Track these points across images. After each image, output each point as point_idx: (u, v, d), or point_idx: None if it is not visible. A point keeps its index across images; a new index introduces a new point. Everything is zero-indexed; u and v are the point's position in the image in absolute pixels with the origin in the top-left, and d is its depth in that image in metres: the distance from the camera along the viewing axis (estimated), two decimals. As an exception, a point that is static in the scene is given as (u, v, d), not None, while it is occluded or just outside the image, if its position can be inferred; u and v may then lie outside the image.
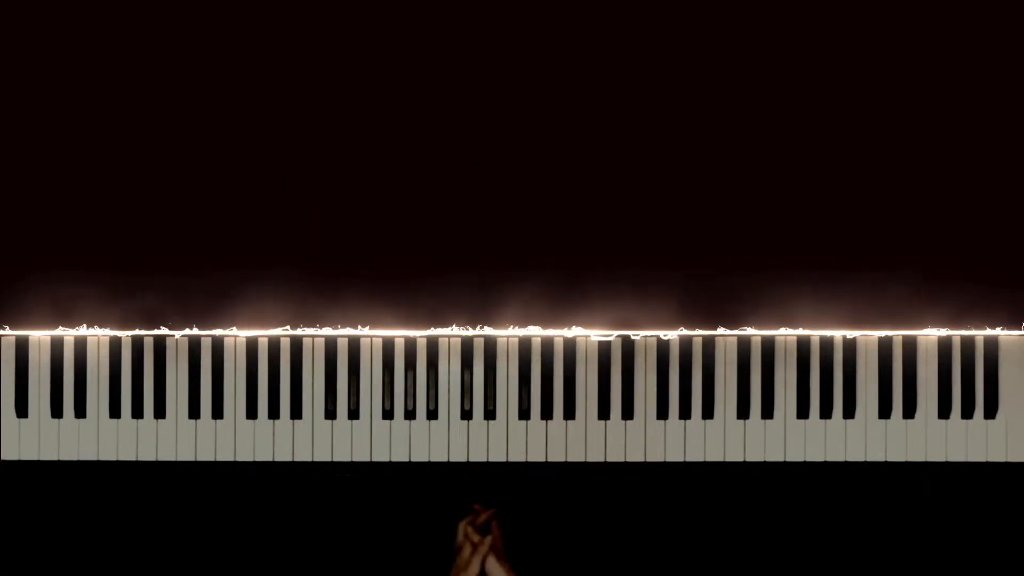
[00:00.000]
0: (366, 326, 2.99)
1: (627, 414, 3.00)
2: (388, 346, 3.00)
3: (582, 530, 3.05)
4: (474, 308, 3.00)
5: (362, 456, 2.99)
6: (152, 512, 3.02)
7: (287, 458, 2.99)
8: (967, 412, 3.00)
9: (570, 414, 3.00)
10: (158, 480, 2.99)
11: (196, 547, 3.04)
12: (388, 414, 3.00)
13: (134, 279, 3.00)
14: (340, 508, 3.04)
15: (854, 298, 3.00)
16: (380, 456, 2.99)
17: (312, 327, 2.99)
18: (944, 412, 3.00)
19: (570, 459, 3.00)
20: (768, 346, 3.00)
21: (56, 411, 2.98)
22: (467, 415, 3.00)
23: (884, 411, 3.00)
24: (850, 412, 3.00)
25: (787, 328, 2.99)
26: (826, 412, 3.00)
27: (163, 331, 2.98)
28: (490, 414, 3.00)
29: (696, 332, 2.99)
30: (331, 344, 3.00)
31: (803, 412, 3.00)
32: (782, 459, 2.99)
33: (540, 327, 2.99)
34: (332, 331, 2.99)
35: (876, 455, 2.99)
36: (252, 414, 2.99)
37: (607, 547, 3.06)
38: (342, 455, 2.99)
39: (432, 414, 3.00)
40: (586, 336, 3.00)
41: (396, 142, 3.05)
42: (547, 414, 3.00)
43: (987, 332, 3.00)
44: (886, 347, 3.00)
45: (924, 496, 3.02)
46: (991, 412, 3.00)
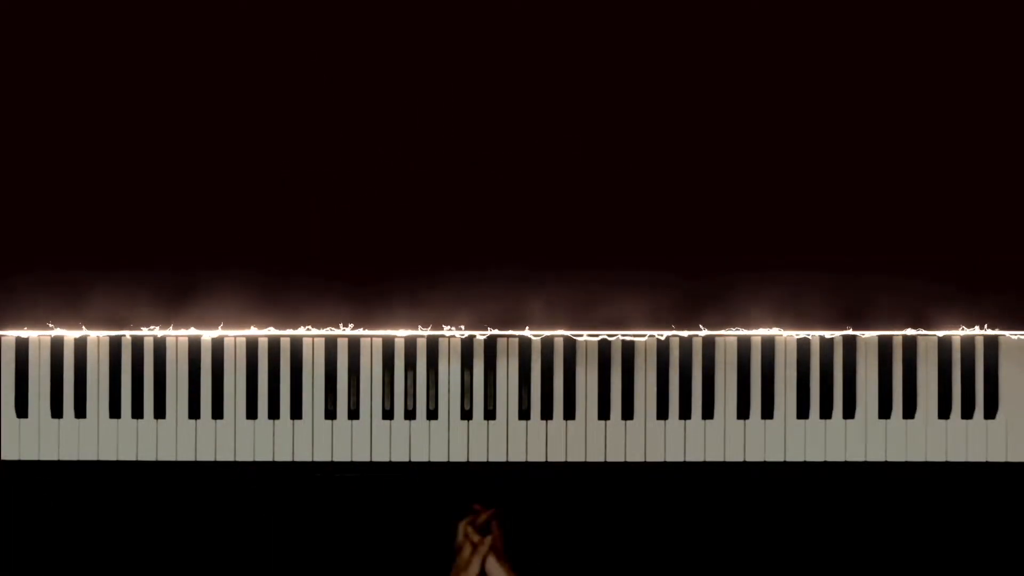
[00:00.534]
0: (365, 326, 2.99)
1: (627, 414, 3.00)
2: (388, 346, 3.00)
3: (582, 530, 3.05)
4: (474, 308, 3.00)
5: (362, 456, 2.99)
6: (152, 512, 3.02)
7: (287, 458, 2.99)
8: (967, 412, 3.00)
9: (570, 414, 3.00)
10: (158, 480, 2.99)
11: (196, 547, 3.04)
12: (388, 414, 3.00)
13: (134, 279, 3.00)
14: (340, 508, 3.04)
15: (855, 298, 3.00)
16: (380, 456, 2.99)
17: (312, 327, 2.99)
18: (944, 412, 3.00)
19: (570, 459, 3.00)
20: (768, 346, 3.00)
21: (56, 411, 2.98)
22: (467, 415, 3.00)
23: (884, 411, 3.00)
24: (850, 412, 3.00)
25: (787, 328, 2.99)
26: (826, 412, 3.00)
27: (164, 331, 2.98)
28: (490, 414, 3.00)
29: (696, 332, 2.99)
30: (331, 344, 3.00)
31: (803, 412, 3.00)
32: (782, 459, 3.00)
33: (540, 327, 2.99)
34: (332, 331, 2.99)
35: (876, 455, 2.99)
36: (252, 414, 2.99)
37: (607, 547, 3.06)
38: (342, 455, 2.99)
39: (432, 414, 3.00)
40: (586, 336, 3.00)
41: (396, 142, 3.05)
42: (547, 414, 3.00)
43: (987, 332, 3.00)
44: (886, 347, 3.00)
45: (924, 496, 3.02)
46: (991, 412, 3.00)
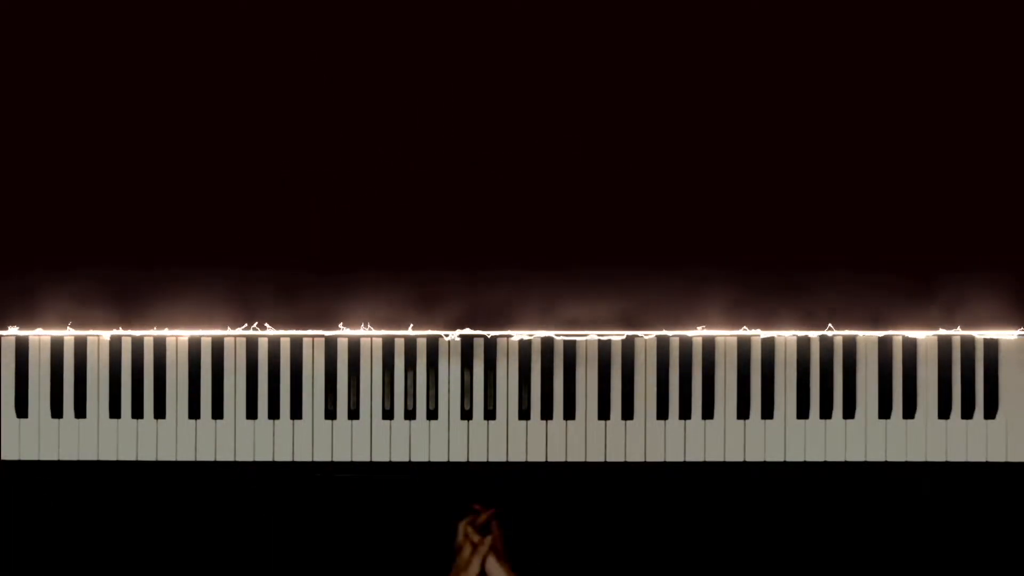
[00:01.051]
0: (366, 326, 2.99)
1: (627, 414, 3.00)
2: (388, 346, 3.00)
3: (582, 530, 3.05)
4: (475, 308, 3.00)
5: (362, 456, 2.99)
6: (152, 512, 3.02)
7: (287, 458, 2.99)
8: (967, 412, 3.00)
9: (570, 414, 3.00)
10: (158, 480, 2.99)
11: (196, 547, 3.04)
12: (388, 414, 3.00)
13: (134, 279, 3.00)
14: (340, 508, 3.04)
15: (855, 298, 3.00)
16: (380, 456, 2.99)
17: (312, 327, 2.99)
18: (944, 412, 3.00)
19: (570, 459, 3.00)
20: (768, 346, 3.00)
21: (56, 411, 2.98)
22: (467, 415, 3.00)
23: (884, 411, 3.00)
24: (850, 412, 3.00)
25: (788, 328, 2.99)
26: (826, 412, 3.00)
27: (163, 331, 2.98)
28: (490, 414, 3.00)
29: (696, 332, 2.99)
30: (331, 344, 3.00)
31: (803, 412, 3.00)
32: (782, 459, 3.00)
33: (540, 327, 2.99)
34: (332, 331, 2.99)
35: (876, 455, 3.00)
36: (252, 414, 2.99)
37: (607, 547, 3.06)
38: (342, 455, 2.99)
39: (432, 414, 3.00)
40: (586, 336, 3.00)
41: (396, 142, 3.05)
42: (547, 414, 3.00)
43: (987, 332, 3.00)
44: (886, 347, 3.00)
45: (924, 496, 3.02)
46: (991, 412, 3.00)
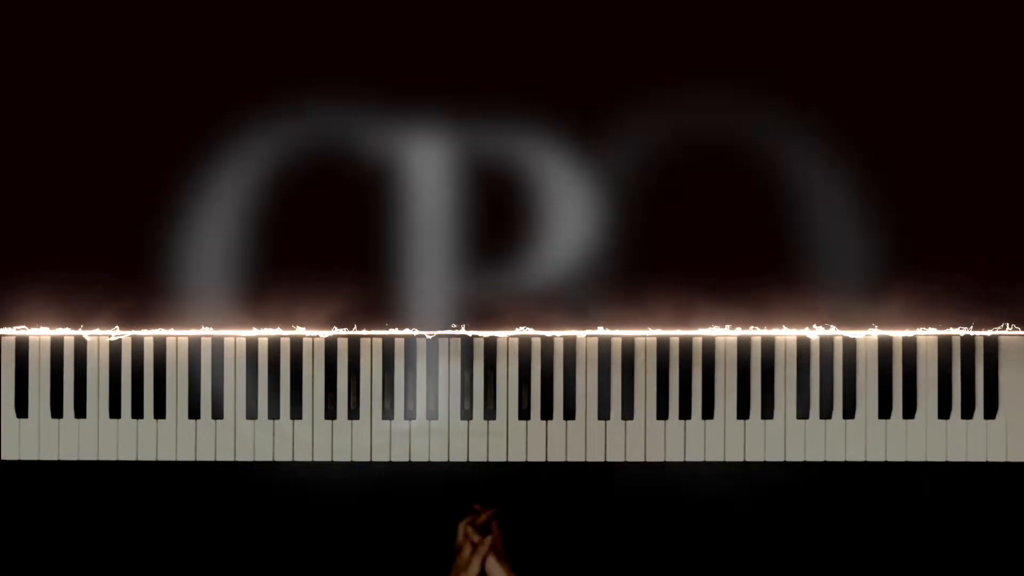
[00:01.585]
0: (365, 326, 2.99)
1: (627, 414, 3.00)
2: (388, 346, 3.00)
3: (582, 530, 3.05)
4: (475, 308, 3.00)
5: (362, 456, 2.99)
6: (152, 512, 3.02)
7: (287, 458, 2.99)
8: (967, 412, 3.00)
9: (570, 414, 3.00)
10: (158, 480, 2.99)
11: (196, 547, 3.04)
12: (388, 414, 3.00)
13: (134, 279, 3.00)
14: (340, 508, 3.04)
15: (855, 298, 3.00)
16: (380, 456, 2.99)
17: (312, 327, 2.99)
18: (944, 412, 3.00)
19: (570, 459, 3.00)
20: (768, 346, 3.00)
21: (56, 411, 2.98)
22: (467, 415, 3.00)
23: (884, 411, 3.00)
24: (850, 412, 3.00)
25: (787, 328, 2.99)
26: (826, 412, 3.00)
27: (164, 331, 2.98)
28: (490, 414, 3.00)
29: (696, 332, 2.99)
30: (331, 344, 3.00)
31: (803, 412, 3.00)
32: (782, 459, 3.00)
33: (540, 327, 2.99)
34: (332, 331, 2.99)
35: (876, 455, 2.99)
36: (252, 414, 2.99)
37: (607, 547, 3.05)
38: (342, 455, 2.99)
39: (432, 414, 3.00)
40: (586, 336, 3.00)
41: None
42: (547, 414, 3.00)
43: (987, 332, 3.00)
44: (886, 347, 3.00)
45: (924, 496, 3.02)
46: (991, 412, 3.00)
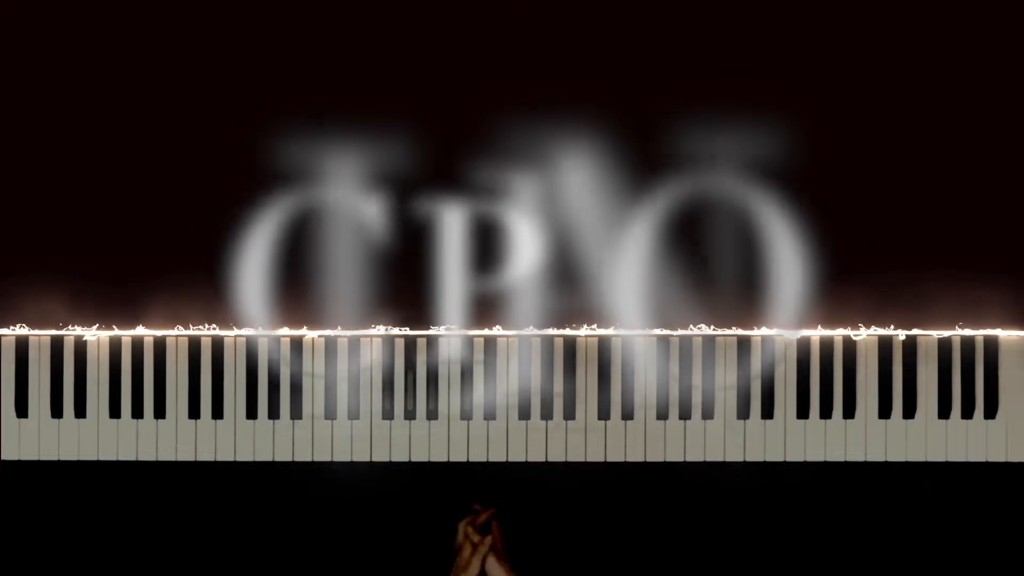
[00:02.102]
0: (365, 326, 2.99)
1: (627, 414, 3.00)
2: (388, 346, 3.00)
3: (582, 530, 3.05)
4: (475, 308, 3.00)
5: (362, 456, 2.99)
6: (152, 512, 3.02)
7: (287, 458, 2.99)
8: (967, 412, 3.00)
9: (571, 414, 3.00)
10: (158, 480, 2.99)
11: (196, 547, 3.04)
12: (388, 414, 3.00)
13: (134, 279, 3.00)
14: (340, 508, 3.04)
15: (856, 298, 3.00)
16: (380, 456, 2.99)
17: (312, 327, 2.99)
18: (944, 412, 3.00)
19: (570, 459, 3.00)
20: (769, 346, 3.00)
21: (56, 411, 2.98)
22: (467, 415, 3.00)
23: (884, 411, 3.00)
24: (850, 412, 3.00)
25: (787, 328, 2.99)
26: (826, 412, 3.00)
27: (164, 331, 2.98)
28: (490, 414, 3.00)
29: (697, 332, 2.99)
30: (331, 344, 3.00)
31: (803, 412, 3.00)
32: (782, 459, 3.00)
33: (542, 327, 2.99)
34: (332, 331, 2.99)
35: (876, 455, 3.00)
36: (252, 414, 2.99)
37: (607, 547, 3.06)
38: (342, 455, 2.99)
39: (432, 414, 3.00)
40: (586, 336, 3.00)
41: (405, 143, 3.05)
42: (547, 414, 3.00)
43: (987, 332, 3.00)
44: (886, 347, 3.00)
45: (924, 496, 3.02)
46: (991, 412, 3.00)
